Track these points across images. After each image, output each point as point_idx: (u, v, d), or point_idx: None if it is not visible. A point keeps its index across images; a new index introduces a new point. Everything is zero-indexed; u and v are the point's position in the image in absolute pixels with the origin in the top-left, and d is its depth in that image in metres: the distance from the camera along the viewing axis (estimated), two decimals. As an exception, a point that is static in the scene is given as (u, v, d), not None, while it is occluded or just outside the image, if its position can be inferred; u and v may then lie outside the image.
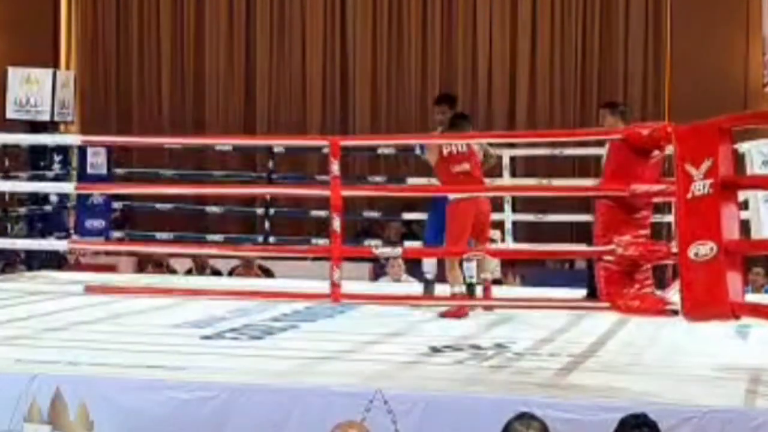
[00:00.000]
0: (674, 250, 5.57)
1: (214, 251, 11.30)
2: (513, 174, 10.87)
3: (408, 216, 12.00)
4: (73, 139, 11.66)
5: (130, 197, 11.88)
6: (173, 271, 11.80)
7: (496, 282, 11.83)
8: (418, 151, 8.64)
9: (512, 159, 10.76)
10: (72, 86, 12.80)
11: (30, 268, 11.10)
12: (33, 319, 7.36)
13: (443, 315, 7.58)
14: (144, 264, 12.59)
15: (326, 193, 6.95)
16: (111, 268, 12.40)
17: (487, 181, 10.20)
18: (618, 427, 3.99)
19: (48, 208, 11.66)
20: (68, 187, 10.76)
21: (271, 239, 11.77)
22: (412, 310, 7.76)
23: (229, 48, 15.10)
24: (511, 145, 11.13)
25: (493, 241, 11.31)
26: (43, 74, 12.37)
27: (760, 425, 4.72)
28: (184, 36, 15.22)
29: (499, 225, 10.44)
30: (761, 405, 5.01)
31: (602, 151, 7.79)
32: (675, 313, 5.59)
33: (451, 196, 7.69)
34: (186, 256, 11.54)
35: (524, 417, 3.90)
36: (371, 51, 14.81)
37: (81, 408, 5.28)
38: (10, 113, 12.07)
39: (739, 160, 7.22)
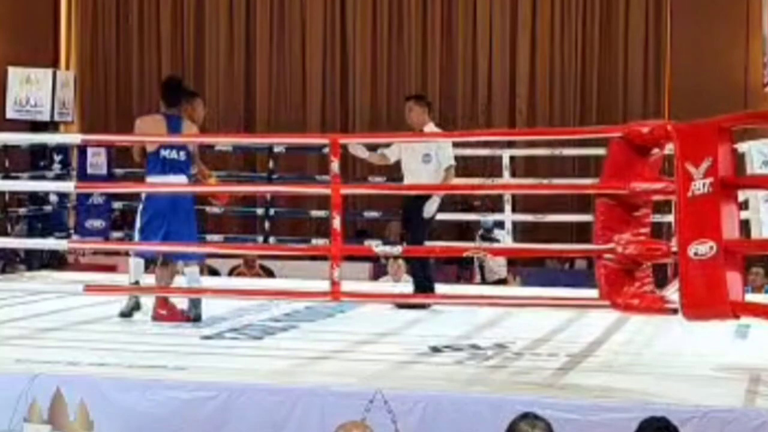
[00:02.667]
0: (674, 248, 5.56)
1: (214, 251, 11.28)
2: (513, 174, 10.86)
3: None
4: (73, 138, 11.64)
5: (130, 197, 11.86)
6: (173, 271, 11.77)
7: (501, 282, 11.84)
8: None
9: (512, 159, 10.75)
10: (72, 86, 12.79)
11: (30, 268, 11.09)
12: (33, 319, 7.36)
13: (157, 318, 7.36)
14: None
15: (326, 191, 6.94)
16: (111, 268, 12.38)
17: (488, 181, 10.22)
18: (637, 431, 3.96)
19: (48, 208, 11.64)
20: (68, 187, 10.75)
21: (271, 239, 11.76)
22: (411, 310, 7.76)
23: (229, 48, 15.10)
24: (511, 145, 11.13)
25: (496, 240, 11.33)
26: (43, 74, 12.36)
27: (760, 425, 4.71)
28: (184, 36, 15.21)
29: (499, 225, 10.43)
30: (761, 405, 5.00)
31: (602, 150, 7.78)
32: (674, 311, 5.58)
33: None
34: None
35: (529, 417, 3.88)
36: (371, 51, 14.81)
37: (81, 408, 5.27)
38: (10, 113, 12.06)
39: (739, 159, 7.22)
